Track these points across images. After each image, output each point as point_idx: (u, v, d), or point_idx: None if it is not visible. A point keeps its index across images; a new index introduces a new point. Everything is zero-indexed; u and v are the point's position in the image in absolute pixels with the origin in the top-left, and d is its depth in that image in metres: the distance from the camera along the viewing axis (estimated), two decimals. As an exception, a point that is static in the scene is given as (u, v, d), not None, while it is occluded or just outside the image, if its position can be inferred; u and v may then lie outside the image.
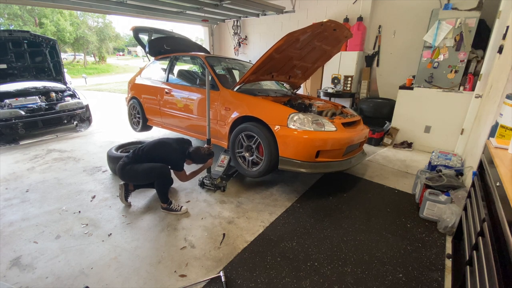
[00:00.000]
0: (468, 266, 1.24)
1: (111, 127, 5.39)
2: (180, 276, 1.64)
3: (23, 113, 4.11)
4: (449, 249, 1.92)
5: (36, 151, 3.86)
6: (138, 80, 4.32)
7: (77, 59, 25.70)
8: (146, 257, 1.79)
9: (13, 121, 3.98)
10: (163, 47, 4.11)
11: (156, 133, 4.82)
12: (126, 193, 2.42)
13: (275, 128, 2.45)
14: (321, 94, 5.08)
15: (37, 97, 4.57)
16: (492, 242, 0.99)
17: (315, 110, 2.90)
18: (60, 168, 3.26)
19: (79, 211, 2.34)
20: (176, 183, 2.80)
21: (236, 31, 6.88)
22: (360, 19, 4.72)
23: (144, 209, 2.38)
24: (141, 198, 2.56)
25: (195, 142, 4.34)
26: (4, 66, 4.70)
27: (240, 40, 6.92)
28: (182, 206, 2.35)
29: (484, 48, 3.42)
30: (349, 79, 4.90)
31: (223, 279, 1.57)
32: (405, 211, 2.41)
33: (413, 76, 4.08)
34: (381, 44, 4.88)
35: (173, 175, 2.38)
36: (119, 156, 2.97)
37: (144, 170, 2.26)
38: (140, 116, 4.25)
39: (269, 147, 2.48)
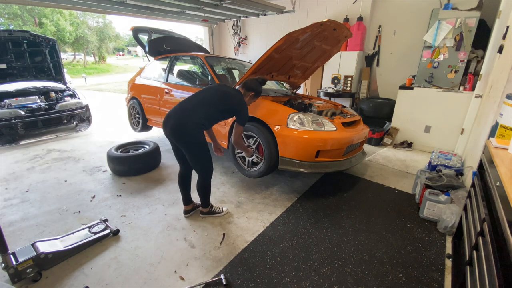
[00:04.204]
0: (468, 266, 1.24)
1: (111, 127, 5.39)
2: (180, 276, 1.64)
3: (23, 113, 4.11)
4: (449, 249, 1.92)
5: (36, 151, 3.86)
6: (138, 80, 4.32)
7: (77, 59, 25.68)
8: (146, 257, 1.79)
9: (13, 121, 3.98)
10: (163, 47, 4.11)
11: (156, 133, 4.82)
12: None
13: (275, 128, 2.45)
14: (321, 94, 5.08)
15: (37, 97, 4.56)
16: (492, 242, 0.99)
17: (315, 110, 2.90)
18: (60, 168, 3.26)
19: (79, 211, 2.34)
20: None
21: (236, 31, 6.88)
22: (360, 19, 4.71)
23: (144, 209, 2.38)
24: (141, 198, 2.56)
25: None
26: (4, 66, 4.69)
27: (240, 40, 6.92)
28: (223, 207, 2.33)
29: (484, 48, 3.42)
30: (349, 79, 4.90)
31: (224, 282, 1.57)
32: (405, 211, 2.41)
33: (413, 76, 4.08)
34: (381, 44, 4.88)
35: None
36: (119, 156, 2.98)
37: (204, 151, 2.00)
38: (140, 116, 4.25)
39: (269, 147, 2.48)
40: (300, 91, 5.05)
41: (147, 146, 3.27)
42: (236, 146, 2.24)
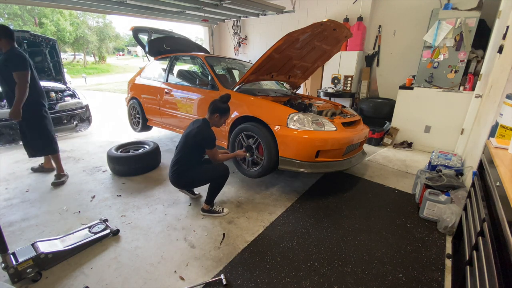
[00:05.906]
0: (468, 266, 1.24)
1: (111, 127, 5.39)
2: (180, 276, 1.64)
3: (23, 113, 4.10)
4: (449, 249, 1.92)
5: (36, 151, 3.85)
6: (138, 80, 4.32)
7: (77, 59, 25.68)
8: (146, 257, 1.79)
9: (13, 121, 3.96)
10: (163, 47, 4.11)
11: (156, 133, 4.82)
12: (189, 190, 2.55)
13: (275, 128, 2.45)
14: (321, 94, 5.09)
15: (37, 97, 4.55)
16: (492, 242, 0.99)
17: (315, 110, 2.90)
18: (60, 168, 3.25)
19: (79, 211, 2.34)
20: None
21: (236, 31, 6.88)
22: (360, 19, 4.71)
23: (144, 209, 2.38)
24: (141, 198, 2.56)
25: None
26: (4, 66, 4.69)
27: (240, 40, 6.92)
28: (223, 208, 2.34)
29: (484, 48, 3.42)
30: (349, 79, 4.91)
31: (224, 282, 1.57)
32: (405, 211, 2.41)
33: (413, 76, 4.08)
34: (381, 44, 4.88)
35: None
36: (119, 156, 2.98)
37: (205, 172, 2.26)
38: (140, 116, 4.25)
39: (269, 147, 2.48)
40: (300, 91, 5.05)
41: (147, 146, 3.27)
42: (224, 161, 2.36)
